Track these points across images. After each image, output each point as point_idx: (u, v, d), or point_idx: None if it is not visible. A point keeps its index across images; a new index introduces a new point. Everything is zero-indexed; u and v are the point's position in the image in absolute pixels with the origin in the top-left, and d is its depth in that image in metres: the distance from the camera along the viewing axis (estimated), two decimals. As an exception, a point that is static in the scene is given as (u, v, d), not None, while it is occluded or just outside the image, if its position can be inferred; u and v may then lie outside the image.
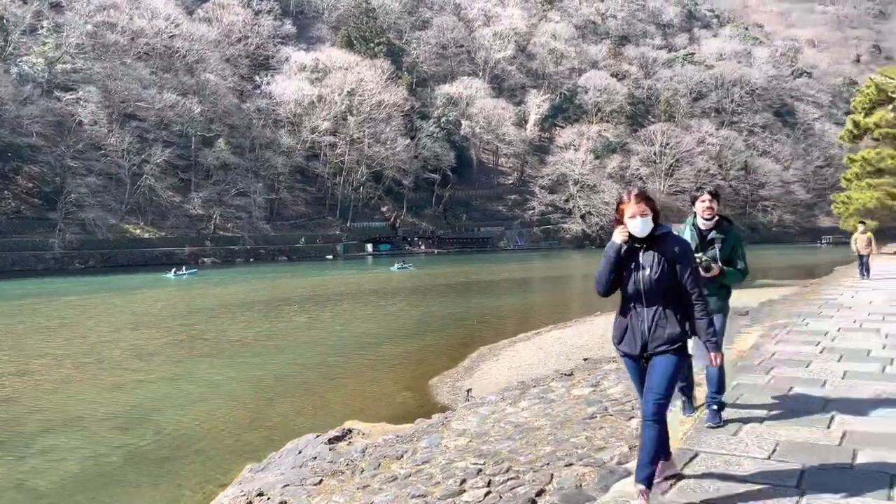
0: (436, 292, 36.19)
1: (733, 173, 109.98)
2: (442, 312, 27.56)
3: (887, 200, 21.64)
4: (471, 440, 5.77)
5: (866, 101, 22.54)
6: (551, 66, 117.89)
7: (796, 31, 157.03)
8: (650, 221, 3.74)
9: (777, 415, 4.98)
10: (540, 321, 22.43)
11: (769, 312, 10.52)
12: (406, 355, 16.23)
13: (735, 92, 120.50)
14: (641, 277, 3.75)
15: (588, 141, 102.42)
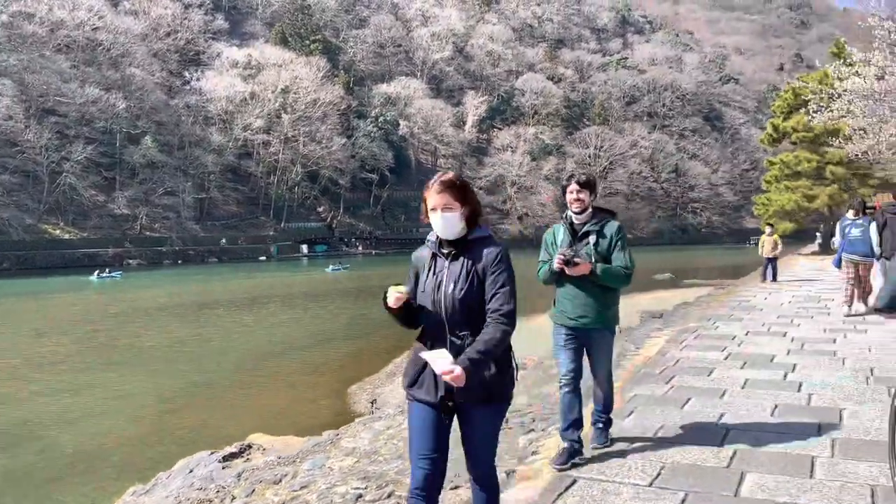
0: (371, 294, 35.54)
1: (665, 176, 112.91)
2: (374, 315, 27.03)
3: (804, 202, 22.31)
4: (358, 460, 5.38)
5: (785, 105, 23.23)
6: (489, 68, 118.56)
7: (724, 39, 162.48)
8: (458, 220, 2.85)
9: (669, 431, 4.74)
10: None
11: (683, 315, 10.50)
12: (330, 361, 15.69)
13: (666, 96, 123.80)
14: (443, 297, 2.83)
15: (525, 143, 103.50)
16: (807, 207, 22.69)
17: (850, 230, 9.77)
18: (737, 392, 5.73)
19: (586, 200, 4.49)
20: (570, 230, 4.55)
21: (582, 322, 4.38)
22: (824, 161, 22.33)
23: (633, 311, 19.15)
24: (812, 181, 22.95)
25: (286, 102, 79.76)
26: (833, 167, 21.98)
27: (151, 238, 65.70)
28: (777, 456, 4.15)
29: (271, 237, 76.75)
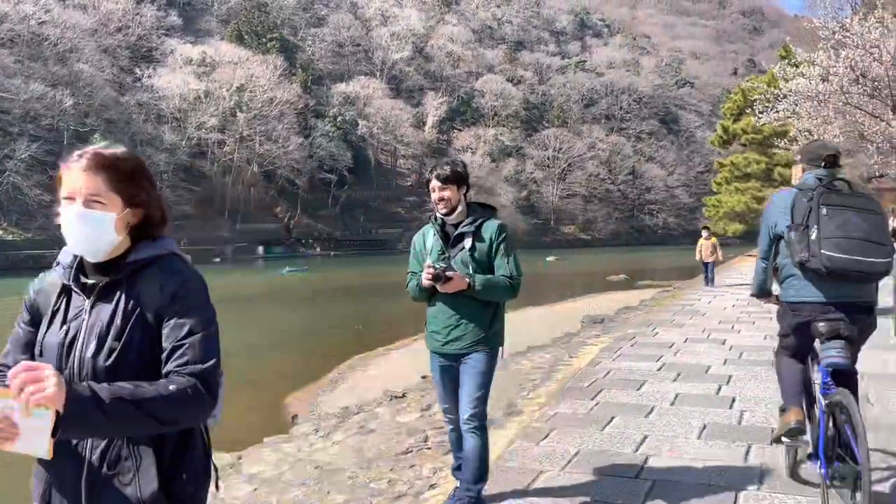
0: (326, 296, 34.91)
1: (622, 178, 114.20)
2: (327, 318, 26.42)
3: (754, 204, 22.45)
4: (257, 488, 4.88)
5: (734, 107, 23.38)
6: (449, 69, 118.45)
7: (680, 43, 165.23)
8: (109, 225, 1.70)
9: (582, 461, 4.31)
10: None
11: (624, 320, 10.26)
12: (270, 369, 15.03)
13: (624, 99, 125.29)
14: (76, 363, 1.67)
15: (485, 144, 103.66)
16: (756, 209, 22.79)
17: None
18: (665, 409, 5.39)
19: (453, 198, 3.66)
20: (441, 234, 3.73)
21: (455, 347, 3.63)
22: (773, 163, 22.52)
23: (577, 316, 18.92)
24: (761, 182, 23.12)
25: (241, 101, 78.25)
26: (781, 169, 22.16)
27: (100, 239, 63.66)
28: (699, 489, 3.75)
29: (226, 238, 75.15)
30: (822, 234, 3.19)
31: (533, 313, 21.68)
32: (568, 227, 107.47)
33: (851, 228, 3.19)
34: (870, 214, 3.25)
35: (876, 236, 3.21)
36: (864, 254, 3.15)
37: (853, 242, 3.16)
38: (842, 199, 3.28)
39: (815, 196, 3.29)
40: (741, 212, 23.46)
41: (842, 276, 3.18)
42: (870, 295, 3.36)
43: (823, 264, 3.14)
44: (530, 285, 29.35)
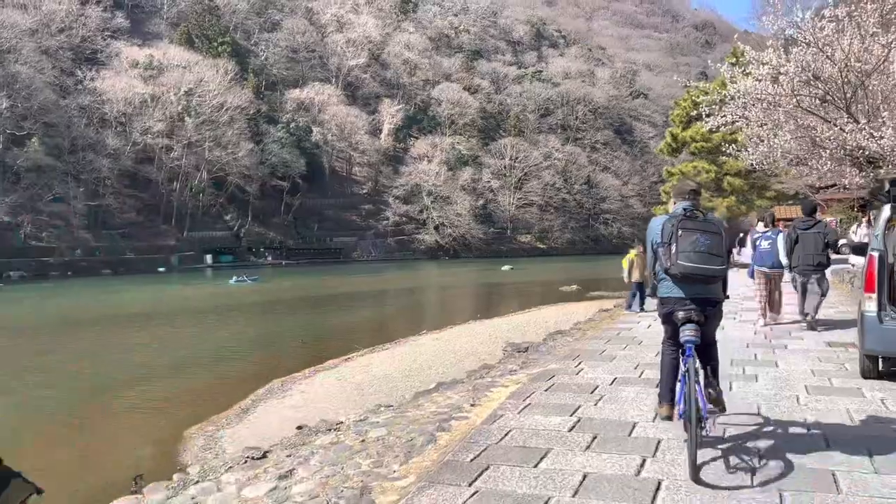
0: (275, 307, 33.60)
1: (578, 187, 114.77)
2: (269, 331, 25.19)
3: (702, 215, 21.95)
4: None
5: (683, 114, 22.90)
6: (405, 77, 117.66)
7: (635, 55, 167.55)
8: None
9: None
10: (374, 338, 20.85)
11: (549, 349, 9.25)
12: (180, 393, 13.77)
13: (579, 110, 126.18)
14: None
15: (442, 152, 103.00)
16: (706, 219, 22.34)
17: (760, 242, 9.94)
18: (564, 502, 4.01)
19: None
20: None
21: None
22: (723, 172, 22.07)
23: (501, 341, 17.96)
24: (711, 193, 22.65)
25: (190, 105, 76.01)
26: (731, 178, 21.74)
27: (37, 248, 60.86)
28: None
29: (173, 247, 72.73)
30: (678, 248, 4.44)
31: (475, 329, 20.88)
32: (524, 235, 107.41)
33: (698, 245, 4.41)
34: (713, 235, 4.47)
35: (715, 250, 4.43)
36: (706, 263, 4.40)
37: (698, 255, 4.40)
38: (694, 223, 4.51)
39: (676, 221, 4.53)
40: (692, 222, 22.97)
41: (691, 279, 4.47)
42: (714, 293, 4.61)
43: (679, 270, 4.44)
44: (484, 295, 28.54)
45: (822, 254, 9.65)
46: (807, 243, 9.56)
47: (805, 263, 9.67)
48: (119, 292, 42.65)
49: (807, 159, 10.02)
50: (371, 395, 11.35)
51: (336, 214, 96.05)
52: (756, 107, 10.14)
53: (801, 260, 9.63)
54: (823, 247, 9.68)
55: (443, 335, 19.71)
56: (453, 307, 33.54)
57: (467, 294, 42.17)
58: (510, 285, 46.09)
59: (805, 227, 9.65)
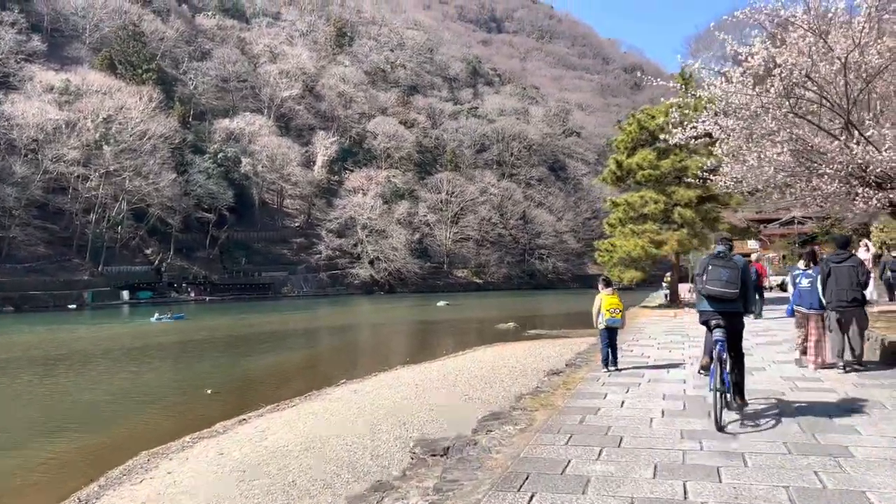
0: (187, 349, 30.47)
1: (513, 222, 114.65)
2: (171, 378, 22.27)
3: (652, 248, 20.46)
4: None
5: (628, 139, 21.65)
6: (340, 109, 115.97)
7: (567, 95, 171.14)
8: None
9: None
10: (287, 388, 18.43)
11: (478, 458, 5.56)
12: (24, 468, 10.95)
13: (514, 146, 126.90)
14: None
15: (377, 185, 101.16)
16: (655, 254, 20.86)
17: (800, 280, 9.26)
18: None
19: None
20: None
21: None
22: (672, 202, 20.76)
23: (427, 397, 15.80)
24: (659, 224, 21.31)
25: (109, 133, 71.77)
26: (681, 209, 20.45)
27: (-71, 283, 55.31)
28: None
29: (87, 282, 67.69)
30: (708, 278, 6.74)
31: (401, 378, 18.65)
32: (461, 270, 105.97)
33: (721, 276, 6.66)
34: (730, 269, 6.67)
35: (731, 280, 6.63)
36: (724, 288, 6.63)
37: (718, 282, 6.66)
38: (721, 262, 6.78)
39: (709, 259, 6.91)
40: (637, 257, 21.31)
41: (715, 299, 6.76)
42: (733, 308, 6.79)
43: (707, 293, 6.78)
44: (417, 334, 25.73)
45: (856, 289, 8.70)
46: (840, 278, 8.70)
47: (839, 299, 8.77)
48: (18, 332, 38.47)
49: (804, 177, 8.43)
50: (250, 485, 8.98)
51: (266, 248, 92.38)
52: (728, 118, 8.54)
53: (834, 295, 8.82)
54: (858, 282, 8.71)
55: (364, 386, 17.42)
56: (383, 349, 31.18)
57: (400, 333, 39.89)
58: (445, 323, 44.05)
59: (839, 261, 8.76)
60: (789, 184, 8.82)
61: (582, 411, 6.75)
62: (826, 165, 8.06)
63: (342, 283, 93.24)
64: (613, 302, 9.21)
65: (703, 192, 20.18)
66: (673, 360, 10.30)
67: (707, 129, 9.36)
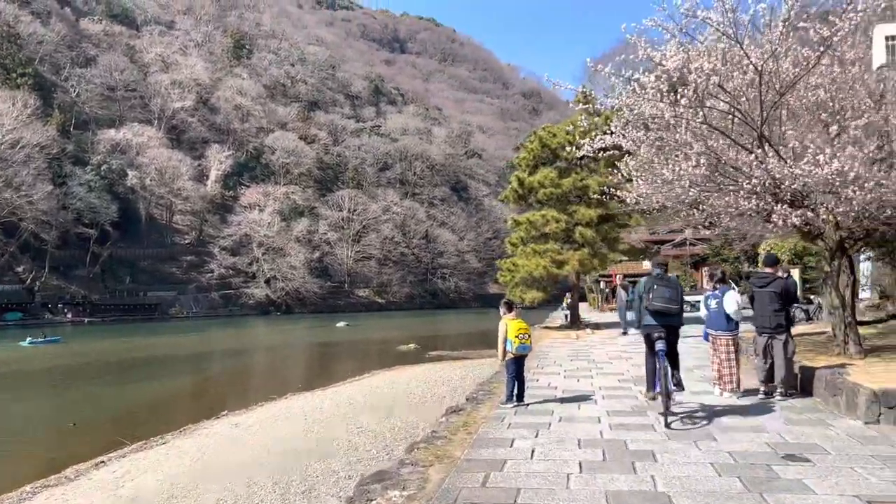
0: (55, 376, 27.47)
1: (416, 241, 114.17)
2: (33, 411, 19.76)
3: (554, 268, 20.08)
4: None
5: (530, 157, 21.28)
6: (237, 123, 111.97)
7: (469, 117, 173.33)
8: None
9: None
10: (163, 421, 16.62)
11: None
12: None
13: (417, 165, 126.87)
14: None
15: (275, 202, 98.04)
16: (557, 273, 20.50)
17: (709, 302, 8.76)
18: None
19: None
20: None
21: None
22: (573, 222, 20.46)
23: (317, 430, 13.88)
24: (561, 244, 20.96)
25: (-26, 139, 65.65)
26: (582, 229, 20.18)
27: None
28: None
29: (-57, 303, 61.21)
30: (653, 296, 7.48)
31: (290, 409, 17.17)
32: (362, 290, 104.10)
33: (664, 293, 7.46)
34: (671, 289, 7.53)
35: (673, 298, 7.49)
36: (666, 303, 7.44)
37: (662, 299, 7.44)
38: (662, 282, 7.61)
39: (652, 280, 7.66)
40: (539, 277, 20.88)
41: (660, 314, 7.51)
42: (674, 322, 7.65)
43: (653, 308, 7.49)
44: (314, 357, 23.74)
45: (779, 313, 8.18)
46: (763, 302, 8.25)
47: (762, 325, 8.31)
48: None
49: (718, 192, 7.91)
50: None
51: (153, 266, 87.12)
52: (650, 124, 7.96)
53: (758, 321, 8.41)
54: (781, 306, 8.18)
55: (248, 418, 15.85)
56: (275, 374, 29.31)
57: (295, 356, 37.97)
58: (344, 345, 42.48)
59: (761, 285, 8.29)
60: (702, 200, 8.31)
61: (485, 466, 5.58)
62: (743, 180, 7.57)
63: (236, 303, 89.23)
64: (521, 326, 8.27)
65: (603, 212, 20.04)
66: (582, 391, 9.46)
67: (616, 142, 8.76)
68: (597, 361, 12.78)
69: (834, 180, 6.79)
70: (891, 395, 6.39)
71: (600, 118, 9.34)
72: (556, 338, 18.57)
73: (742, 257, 30.79)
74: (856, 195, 6.86)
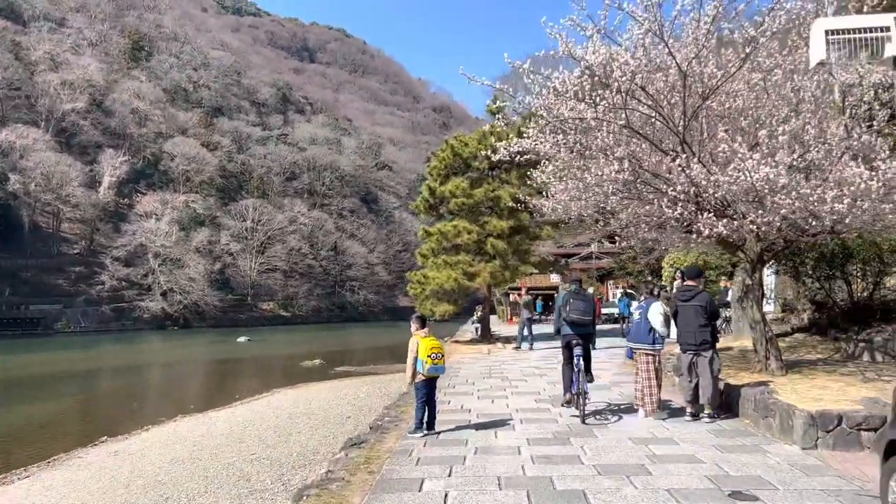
0: None
1: (324, 253, 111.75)
2: None
3: (465, 280, 19.50)
4: None
5: (442, 166, 20.69)
6: (134, 127, 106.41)
7: (380, 129, 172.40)
8: None
9: None
10: (41, 448, 14.93)
11: None
12: None
13: (326, 176, 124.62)
14: None
15: (173, 211, 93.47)
16: (468, 286, 19.93)
17: (634, 314, 8.93)
18: None
19: None
20: None
21: None
22: (485, 233, 19.98)
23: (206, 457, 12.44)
24: (472, 256, 20.43)
25: None
26: (494, 240, 19.72)
27: None
28: None
29: None
30: (570, 308, 8.30)
31: (179, 433, 15.68)
32: (267, 303, 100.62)
33: (579, 306, 8.30)
34: (586, 302, 8.41)
35: (586, 310, 8.39)
36: (581, 315, 8.32)
37: (577, 311, 8.29)
38: (578, 296, 8.45)
39: (569, 294, 8.44)
40: (450, 289, 20.25)
41: (576, 324, 8.36)
42: (588, 331, 8.53)
43: (570, 319, 8.35)
44: (211, 375, 21.76)
45: (705, 328, 7.73)
46: (687, 317, 7.86)
47: (686, 342, 7.91)
48: None
49: (640, 199, 7.46)
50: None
51: (36, 277, 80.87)
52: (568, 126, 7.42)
53: (682, 337, 8.04)
54: (706, 320, 7.73)
55: (130, 445, 14.31)
56: (167, 394, 27.25)
57: (190, 374, 35.69)
58: (245, 361, 40.43)
59: (685, 299, 7.90)
60: (621, 209, 7.87)
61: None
62: (667, 188, 7.15)
63: (129, 317, 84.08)
64: (434, 345, 7.44)
65: (515, 223, 19.69)
66: (498, 414, 8.76)
67: (533, 146, 8.20)
68: (511, 379, 12.21)
69: (762, 188, 6.46)
70: (828, 417, 6.01)
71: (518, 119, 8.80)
72: (467, 353, 17.97)
73: (646, 271, 31.34)
74: (784, 203, 6.55)
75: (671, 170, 7.05)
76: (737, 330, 13.75)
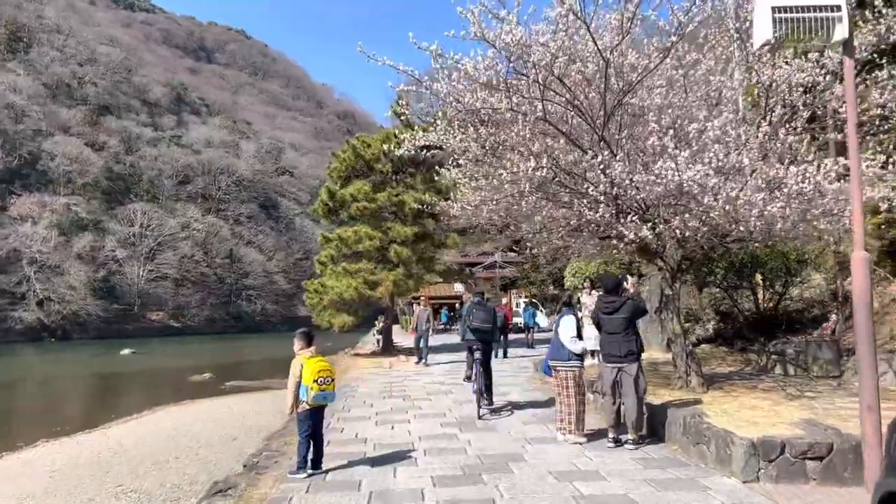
0: None
1: (219, 261, 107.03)
2: None
3: (366, 290, 18.40)
4: None
5: (343, 168, 19.56)
6: (9, 123, 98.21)
7: (281, 134, 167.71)
8: None
9: None
10: None
11: None
12: None
13: (223, 180, 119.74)
14: None
15: (52, 214, 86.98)
16: (370, 295, 18.84)
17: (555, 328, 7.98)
18: None
19: None
20: None
21: None
22: (388, 239, 19.01)
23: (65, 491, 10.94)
24: (374, 263, 19.40)
25: None
26: (398, 247, 18.78)
27: None
28: None
29: None
30: (473, 317, 9.91)
31: (35, 461, 13.80)
32: (156, 313, 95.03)
33: (480, 315, 9.90)
34: (486, 312, 9.98)
35: (486, 319, 9.96)
36: (483, 323, 9.89)
37: (479, 320, 9.88)
38: (480, 306, 10.07)
39: (473, 305, 10.19)
40: (350, 299, 19.08)
41: (478, 331, 9.99)
42: (488, 338, 10.21)
43: (473, 327, 9.95)
44: (89, 390, 19.17)
45: (630, 338, 7.14)
46: (612, 327, 7.25)
47: (610, 353, 7.23)
48: None
49: (555, 200, 6.75)
50: None
51: None
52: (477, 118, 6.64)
53: (605, 348, 7.41)
54: (633, 330, 7.18)
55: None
56: (29, 415, 24.47)
57: (62, 391, 32.51)
58: (128, 375, 37.48)
59: (611, 310, 7.23)
60: (536, 211, 7.16)
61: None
62: (588, 187, 6.49)
63: (-1, 329, 77.12)
64: (323, 367, 6.22)
65: (420, 230, 18.83)
66: (399, 444, 7.72)
67: (442, 140, 7.36)
68: (413, 398, 11.30)
69: (691, 187, 5.92)
70: (770, 445, 5.39)
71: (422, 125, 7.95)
72: (367, 367, 16.89)
73: (549, 280, 31.37)
74: (712, 204, 6.02)
75: (589, 168, 6.40)
76: (644, 341, 13.45)
